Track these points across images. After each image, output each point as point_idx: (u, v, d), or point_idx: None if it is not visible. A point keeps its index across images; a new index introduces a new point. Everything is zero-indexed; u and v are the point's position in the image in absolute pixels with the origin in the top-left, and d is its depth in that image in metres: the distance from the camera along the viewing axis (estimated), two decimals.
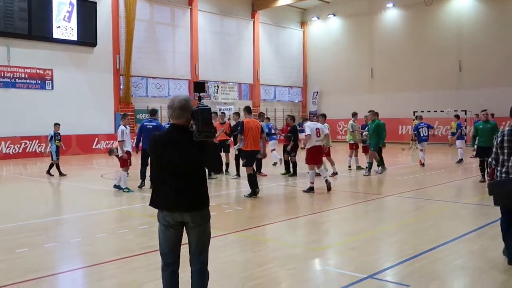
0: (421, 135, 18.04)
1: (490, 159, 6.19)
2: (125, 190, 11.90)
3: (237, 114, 15.36)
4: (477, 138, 13.08)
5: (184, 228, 3.93)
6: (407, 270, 5.76)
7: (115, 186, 12.32)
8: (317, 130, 12.00)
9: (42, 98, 25.21)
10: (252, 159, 11.29)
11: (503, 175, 5.82)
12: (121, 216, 9.63)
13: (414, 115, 29.79)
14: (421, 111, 30.72)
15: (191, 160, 3.80)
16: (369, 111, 15.76)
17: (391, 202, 10.81)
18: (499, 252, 6.35)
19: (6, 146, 23.74)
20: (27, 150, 24.24)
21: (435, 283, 5.26)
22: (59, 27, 25.34)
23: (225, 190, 12.94)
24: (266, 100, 37.13)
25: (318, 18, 38.41)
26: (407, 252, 6.58)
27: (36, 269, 5.83)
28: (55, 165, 16.28)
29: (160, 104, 27.65)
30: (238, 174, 15.06)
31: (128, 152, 12.14)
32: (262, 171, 15.51)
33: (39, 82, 25.29)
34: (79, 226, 8.70)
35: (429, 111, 30.37)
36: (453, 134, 21.40)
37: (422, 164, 18.00)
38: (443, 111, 29.69)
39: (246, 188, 11.95)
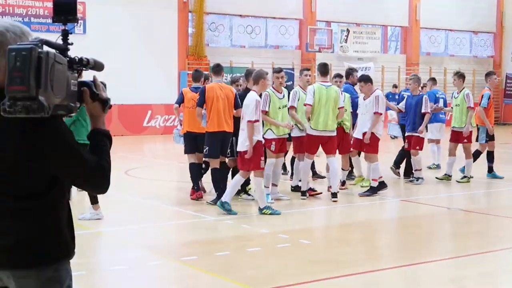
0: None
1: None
2: (265, 210, 7.81)
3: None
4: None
5: None
6: None
7: (220, 204, 7.94)
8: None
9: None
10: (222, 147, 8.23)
11: None
12: None
13: None
14: None
15: (8, 162, 2.00)
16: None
17: None
18: None
19: None
20: None
21: None
22: None
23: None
24: (431, 54, 28.52)
25: None
26: None
27: None
28: None
29: (272, 61, 22.24)
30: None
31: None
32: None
33: None
34: None
35: None
36: None
37: None
38: None
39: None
